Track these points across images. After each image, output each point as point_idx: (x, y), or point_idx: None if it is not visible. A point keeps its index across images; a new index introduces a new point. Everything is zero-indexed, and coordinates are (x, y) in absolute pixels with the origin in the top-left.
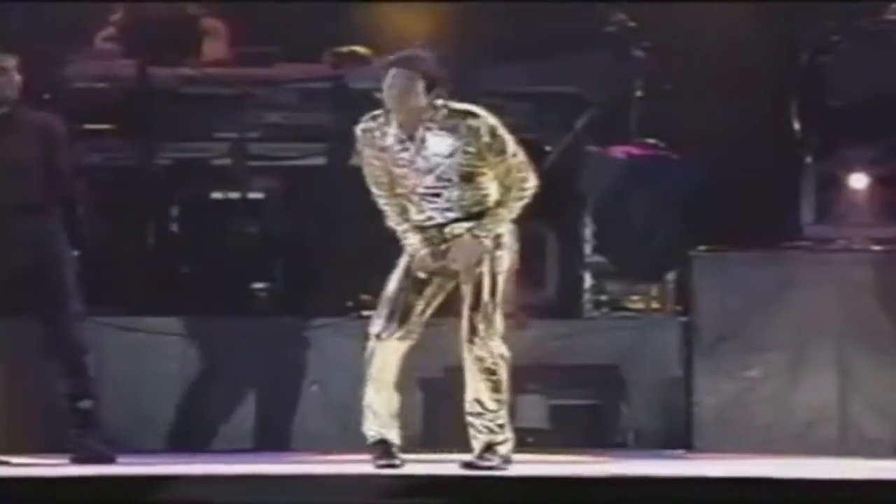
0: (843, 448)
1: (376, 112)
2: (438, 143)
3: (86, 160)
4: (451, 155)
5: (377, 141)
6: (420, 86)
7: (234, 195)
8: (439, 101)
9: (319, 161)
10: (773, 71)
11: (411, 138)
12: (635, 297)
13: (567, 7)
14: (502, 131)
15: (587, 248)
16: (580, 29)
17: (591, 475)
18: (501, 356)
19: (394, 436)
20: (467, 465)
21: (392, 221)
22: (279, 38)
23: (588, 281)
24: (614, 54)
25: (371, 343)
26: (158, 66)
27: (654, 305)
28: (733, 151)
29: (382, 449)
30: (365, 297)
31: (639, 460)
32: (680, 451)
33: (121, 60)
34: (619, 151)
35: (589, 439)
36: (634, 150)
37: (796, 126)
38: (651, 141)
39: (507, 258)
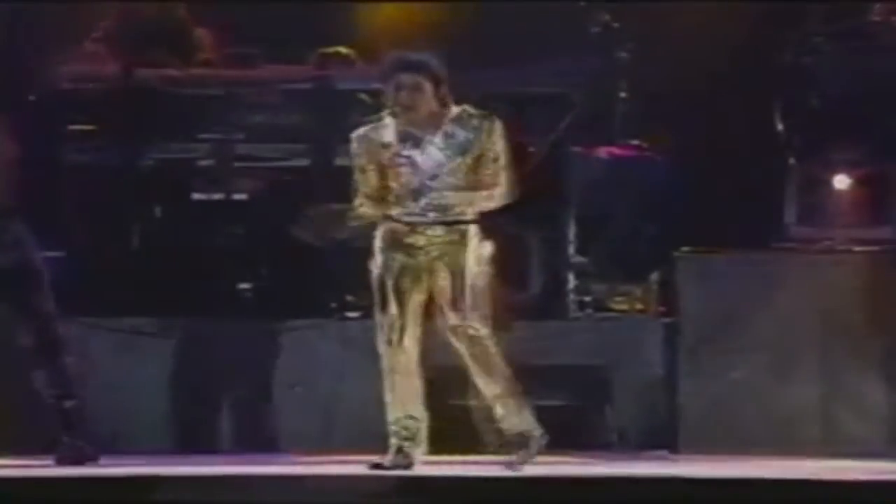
0: (826, 448)
1: (374, 116)
2: (448, 143)
3: (69, 161)
4: (460, 154)
5: (375, 142)
6: (429, 88)
7: (219, 196)
8: (450, 103)
9: (304, 162)
10: (757, 71)
11: (416, 137)
12: (619, 298)
13: (551, 7)
14: (506, 141)
15: (571, 249)
16: (564, 29)
17: (575, 476)
18: (484, 338)
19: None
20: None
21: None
22: (262, 39)
23: (572, 282)
24: (598, 55)
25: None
26: (143, 67)
27: (638, 306)
28: (717, 152)
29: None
30: (349, 298)
31: (623, 461)
32: (664, 452)
33: (105, 61)
34: (602, 152)
35: (573, 440)
36: (618, 151)
37: (780, 127)
38: (635, 142)
39: (475, 257)
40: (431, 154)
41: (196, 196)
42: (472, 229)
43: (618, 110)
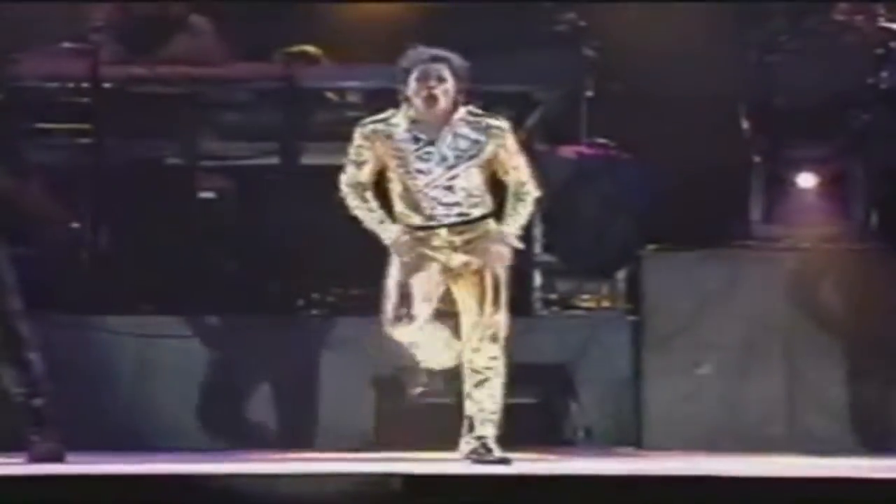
0: (791, 445)
1: (383, 114)
2: (462, 142)
3: (38, 159)
4: (475, 154)
5: (386, 140)
6: (452, 86)
7: (187, 194)
8: (460, 105)
9: (271, 161)
10: (722, 70)
11: (431, 137)
12: (585, 296)
13: (517, 6)
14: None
15: (537, 247)
16: (530, 28)
17: (540, 473)
18: (494, 359)
19: None
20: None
21: (368, 221)
22: (231, 37)
23: (538, 279)
24: (564, 54)
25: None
26: (111, 66)
27: (604, 304)
28: (682, 151)
29: None
30: (315, 295)
31: (588, 458)
32: (629, 449)
33: (72, 60)
34: (568, 151)
35: (539, 437)
36: (584, 150)
37: (744, 125)
38: (601, 141)
39: (498, 254)
40: (448, 153)
41: (164, 194)
42: (493, 227)
43: (584, 109)
